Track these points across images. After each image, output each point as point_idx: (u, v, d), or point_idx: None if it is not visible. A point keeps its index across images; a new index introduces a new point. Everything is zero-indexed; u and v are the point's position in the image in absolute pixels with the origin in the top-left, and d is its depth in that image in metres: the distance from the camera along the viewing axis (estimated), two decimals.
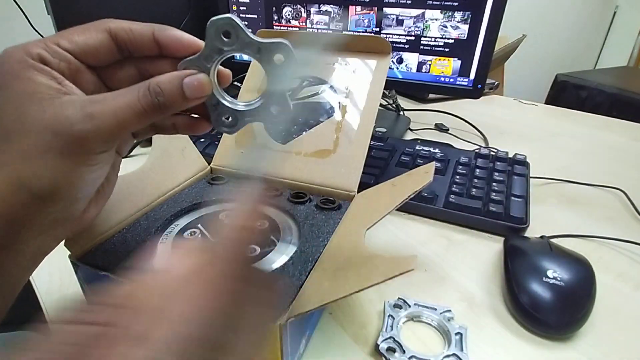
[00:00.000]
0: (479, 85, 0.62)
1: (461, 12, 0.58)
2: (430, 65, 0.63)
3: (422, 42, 0.62)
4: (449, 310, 0.33)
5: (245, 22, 0.70)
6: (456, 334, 0.30)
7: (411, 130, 0.75)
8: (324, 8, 0.64)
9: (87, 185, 0.22)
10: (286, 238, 0.34)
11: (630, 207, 0.51)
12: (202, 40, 0.24)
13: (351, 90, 0.43)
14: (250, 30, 0.23)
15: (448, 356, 0.29)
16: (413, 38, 0.62)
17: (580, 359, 0.31)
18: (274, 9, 0.67)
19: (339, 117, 0.43)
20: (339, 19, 0.64)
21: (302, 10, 0.66)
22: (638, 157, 0.67)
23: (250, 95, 0.46)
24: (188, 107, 0.24)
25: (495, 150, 0.57)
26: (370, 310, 0.34)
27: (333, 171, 0.40)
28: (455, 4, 0.57)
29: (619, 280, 0.39)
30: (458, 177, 0.50)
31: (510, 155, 0.56)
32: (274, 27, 0.68)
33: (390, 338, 0.30)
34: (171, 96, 0.22)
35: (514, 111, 0.90)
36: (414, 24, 0.61)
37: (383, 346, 0.29)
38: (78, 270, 0.30)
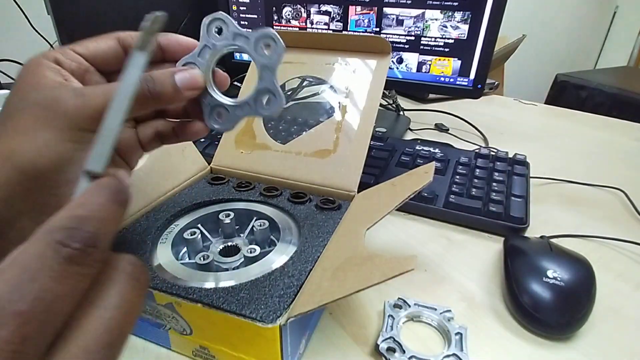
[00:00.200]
0: (479, 85, 0.62)
1: (461, 12, 0.58)
2: (430, 65, 0.63)
3: (422, 42, 0.62)
4: (449, 310, 0.33)
5: (245, 22, 0.70)
6: (456, 334, 0.30)
7: (411, 130, 0.75)
8: (324, 8, 0.64)
9: (74, 165, 0.22)
10: (286, 238, 0.34)
11: (630, 207, 0.51)
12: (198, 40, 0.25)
13: (351, 90, 0.43)
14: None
15: (448, 356, 0.29)
16: (413, 38, 0.62)
17: (580, 359, 0.31)
18: (274, 9, 0.67)
19: (339, 117, 0.43)
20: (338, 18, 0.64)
21: (302, 10, 0.66)
22: (638, 157, 0.67)
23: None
24: (183, 102, 0.25)
25: (495, 150, 0.57)
26: (370, 310, 0.34)
27: (333, 171, 0.40)
28: (455, 4, 0.57)
29: (619, 280, 0.39)
30: (458, 177, 0.50)
31: (510, 155, 0.56)
32: (274, 27, 0.68)
33: (390, 338, 0.30)
34: (162, 84, 0.23)
35: (514, 111, 0.90)
36: (414, 24, 0.61)
37: (383, 346, 0.29)
38: None
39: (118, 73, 0.25)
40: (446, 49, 0.61)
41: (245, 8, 0.69)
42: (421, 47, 0.62)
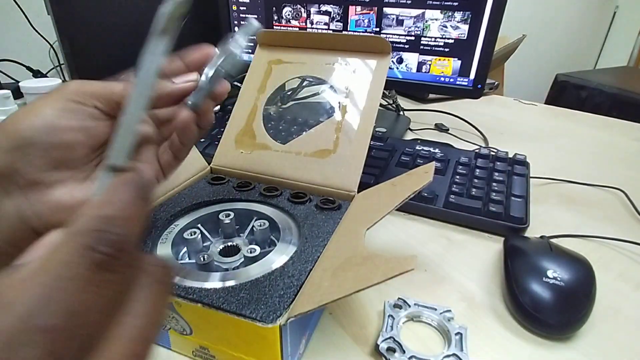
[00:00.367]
0: (479, 85, 0.62)
1: (461, 12, 0.58)
2: (430, 65, 0.63)
3: (422, 42, 0.62)
4: (449, 310, 0.33)
5: (246, 22, 0.70)
6: (456, 334, 0.30)
7: (411, 130, 0.75)
8: (324, 8, 0.64)
9: (60, 132, 0.23)
10: (286, 238, 0.34)
11: (630, 207, 0.51)
12: None
13: (351, 90, 0.43)
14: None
15: (448, 356, 0.29)
16: (413, 38, 0.62)
17: (580, 359, 0.31)
18: (274, 9, 0.67)
19: (339, 117, 0.43)
20: (338, 18, 0.64)
21: (302, 10, 0.66)
22: (638, 157, 0.67)
23: (250, 95, 0.46)
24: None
25: (495, 150, 0.57)
26: (370, 310, 0.34)
27: (333, 171, 0.40)
28: (455, 4, 0.57)
29: (619, 280, 0.39)
30: (458, 177, 0.50)
31: (510, 155, 0.56)
32: (274, 27, 0.68)
33: (390, 338, 0.30)
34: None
35: (514, 111, 0.90)
36: (414, 24, 0.61)
37: (383, 346, 0.29)
38: None
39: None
40: (446, 49, 0.61)
41: (245, 8, 0.69)
42: (421, 47, 0.62)
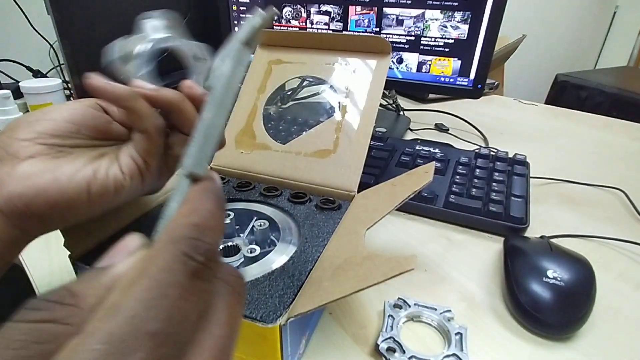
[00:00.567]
0: (479, 85, 0.62)
1: (461, 12, 0.58)
2: (430, 65, 0.63)
3: (422, 42, 0.62)
4: (449, 310, 0.33)
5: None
6: (456, 334, 0.30)
7: (411, 130, 0.75)
8: (324, 8, 0.64)
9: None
10: (286, 238, 0.34)
11: (630, 207, 0.51)
12: None
13: (351, 90, 0.43)
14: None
15: (448, 356, 0.29)
16: (413, 38, 0.62)
17: (580, 359, 0.31)
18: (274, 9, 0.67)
19: (339, 117, 0.43)
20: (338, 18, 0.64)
21: (302, 10, 0.66)
22: (638, 157, 0.67)
23: (250, 95, 0.46)
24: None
25: (495, 150, 0.57)
26: (370, 310, 0.34)
27: (333, 171, 0.40)
28: (455, 4, 0.57)
29: (619, 280, 0.39)
30: (458, 177, 0.50)
31: (510, 155, 0.56)
32: (274, 27, 0.68)
33: (390, 338, 0.30)
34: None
35: (514, 111, 0.90)
36: (414, 24, 0.61)
37: (383, 346, 0.29)
38: (78, 270, 0.30)
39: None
40: (446, 49, 0.61)
41: (245, 8, 0.69)
42: (421, 47, 0.62)
